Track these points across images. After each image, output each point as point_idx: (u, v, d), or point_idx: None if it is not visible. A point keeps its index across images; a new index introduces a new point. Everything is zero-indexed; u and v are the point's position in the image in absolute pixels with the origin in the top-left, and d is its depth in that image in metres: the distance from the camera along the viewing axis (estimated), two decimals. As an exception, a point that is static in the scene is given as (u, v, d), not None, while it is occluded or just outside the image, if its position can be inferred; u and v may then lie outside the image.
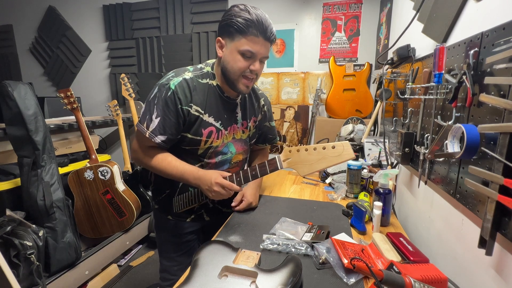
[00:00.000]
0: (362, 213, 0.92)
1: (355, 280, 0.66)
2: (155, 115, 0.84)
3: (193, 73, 0.89)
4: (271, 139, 1.16)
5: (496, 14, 0.57)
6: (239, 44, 0.81)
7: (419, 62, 0.98)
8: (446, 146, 0.63)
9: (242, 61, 0.82)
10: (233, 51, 0.82)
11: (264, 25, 0.80)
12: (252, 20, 0.78)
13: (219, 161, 0.97)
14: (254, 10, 0.80)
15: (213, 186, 0.84)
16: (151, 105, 0.85)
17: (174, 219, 1.02)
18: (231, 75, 0.86)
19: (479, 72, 0.59)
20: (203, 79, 0.90)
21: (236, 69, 0.84)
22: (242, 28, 0.79)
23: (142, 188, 2.09)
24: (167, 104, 0.83)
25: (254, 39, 0.80)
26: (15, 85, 1.36)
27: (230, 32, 0.81)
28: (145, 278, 1.83)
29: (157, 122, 0.84)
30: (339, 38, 2.19)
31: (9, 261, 1.17)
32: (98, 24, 2.70)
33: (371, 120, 1.72)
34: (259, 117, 1.07)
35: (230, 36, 0.82)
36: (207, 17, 2.40)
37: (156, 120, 0.84)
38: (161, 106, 0.84)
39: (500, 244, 0.53)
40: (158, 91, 0.85)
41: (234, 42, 0.82)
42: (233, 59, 0.83)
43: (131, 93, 2.29)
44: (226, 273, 0.65)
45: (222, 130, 0.94)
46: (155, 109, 0.84)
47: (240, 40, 0.80)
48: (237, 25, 0.79)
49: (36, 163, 1.39)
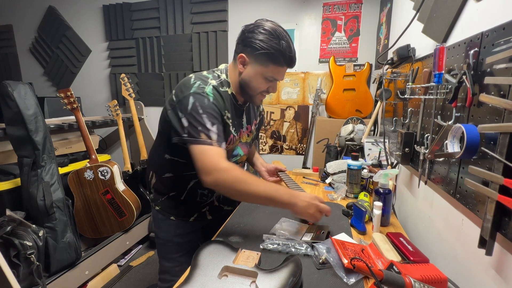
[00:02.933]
0: (362, 213, 0.92)
1: (355, 280, 0.66)
2: (209, 124, 0.78)
3: (216, 81, 0.88)
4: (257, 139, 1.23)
5: (496, 14, 0.57)
6: (265, 71, 0.83)
7: (419, 62, 0.98)
8: (446, 146, 0.63)
9: (264, 83, 0.87)
10: (258, 74, 0.84)
11: (292, 57, 0.83)
12: (282, 52, 0.80)
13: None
14: (283, 37, 0.80)
15: (313, 200, 0.81)
16: (196, 115, 0.77)
17: (177, 219, 1.01)
18: (251, 91, 0.89)
19: (479, 72, 0.59)
20: (223, 87, 0.89)
21: (257, 89, 0.87)
22: (272, 58, 0.81)
23: (142, 188, 2.09)
24: (215, 111, 0.81)
25: (279, 68, 0.84)
26: (15, 85, 1.36)
27: (258, 55, 0.81)
28: (145, 278, 1.83)
29: (215, 130, 0.79)
30: (339, 38, 2.19)
31: (9, 261, 1.17)
32: (98, 24, 2.70)
33: (371, 120, 1.72)
34: (258, 120, 1.11)
35: (257, 59, 0.82)
36: (207, 17, 2.40)
37: (213, 128, 0.78)
38: (210, 113, 0.79)
39: (500, 244, 0.53)
40: (196, 100, 0.79)
41: (261, 66, 0.83)
42: (256, 80, 0.85)
43: (131, 93, 2.29)
44: (226, 273, 0.65)
45: (235, 135, 0.95)
46: (205, 118, 0.78)
47: (268, 67, 0.83)
48: (267, 53, 0.80)
49: (36, 163, 1.39)
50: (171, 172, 0.96)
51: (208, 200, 1.02)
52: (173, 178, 0.96)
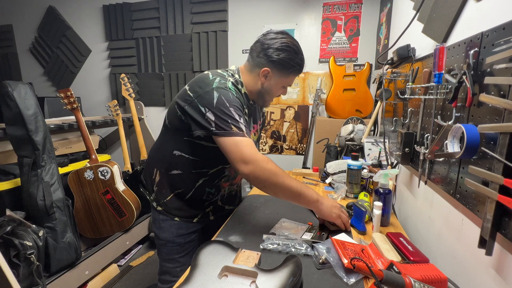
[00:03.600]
0: (362, 213, 0.92)
1: (355, 280, 0.66)
2: (237, 116, 0.79)
3: (232, 79, 0.90)
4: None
5: (496, 14, 0.57)
6: (286, 81, 0.94)
7: (419, 62, 0.98)
8: (446, 146, 0.63)
9: (281, 90, 0.97)
10: (279, 84, 0.94)
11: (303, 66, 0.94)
12: (300, 64, 0.91)
13: None
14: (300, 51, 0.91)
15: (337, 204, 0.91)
16: (224, 109, 0.78)
17: (181, 220, 1.00)
18: (267, 97, 0.97)
19: (479, 72, 0.59)
20: (238, 85, 0.92)
21: (274, 96, 0.98)
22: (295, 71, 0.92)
23: (142, 188, 2.09)
24: (239, 103, 0.84)
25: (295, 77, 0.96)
26: (15, 85, 1.36)
27: (283, 69, 0.90)
28: (145, 278, 1.83)
29: (243, 122, 0.81)
30: (339, 38, 2.19)
31: (9, 261, 1.17)
32: (98, 24, 2.70)
33: (371, 120, 1.72)
34: (261, 120, 1.13)
35: (282, 72, 0.91)
36: (207, 17, 2.40)
37: (241, 120, 0.80)
38: (235, 106, 0.81)
39: (500, 244, 0.53)
40: (221, 94, 0.80)
41: (283, 78, 0.92)
42: (277, 90, 0.95)
43: (131, 93, 2.29)
44: (226, 273, 0.65)
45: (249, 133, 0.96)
46: (233, 111, 0.79)
47: (288, 78, 0.93)
48: (295, 68, 0.90)
49: (36, 163, 1.39)
50: (180, 169, 0.95)
51: (213, 198, 1.02)
52: (181, 175, 0.95)
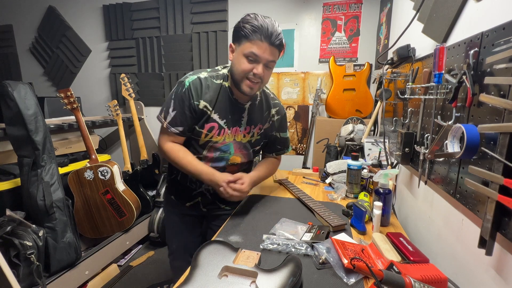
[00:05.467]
0: (362, 213, 0.92)
1: (355, 280, 0.66)
2: (171, 108, 0.94)
3: (208, 74, 0.97)
4: (278, 150, 1.16)
5: (496, 14, 0.57)
6: (244, 48, 0.86)
7: (419, 62, 0.98)
8: (446, 146, 0.63)
9: (246, 63, 0.87)
10: (239, 54, 0.88)
11: (270, 30, 0.84)
12: (257, 26, 0.83)
13: (216, 156, 1.01)
14: (262, 18, 0.85)
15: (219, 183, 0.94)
16: (169, 99, 0.95)
17: (176, 200, 1.12)
18: (235, 76, 0.91)
19: (479, 72, 0.59)
20: (217, 79, 0.97)
21: (240, 71, 0.89)
22: (248, 33, 0.84)
23: (142, 188, 2.09)
24: (182, 99, 0.92)
25: (258, 43, 0.84)
26: (15, 85, 1.36)
27: (239, 37, 0.88)
28: (145, 278, 1.83)
29: (173, 115, 0.94)
30: (339, 38, 2.19)
31: (9, 261, 1.17)
32: (98, 24, 2.70)
33: (371, 120, 1.72)
34: (265, 125, 1.07)
35: (239, 40, 0.88)
36: (207, 17, 2.40)
37: (173, 113, 0.94)
38: (177, 100, 0.93)
39: (500, 244, 0.53)
40: (176, 87, 0.95)
41: (241, 46, 0.87)
42: (239, 61, 0.88)
43: (131, 93, 2.29)
44: (226, 273, 0.65)
45: (225, 129, 0.98)
46: (172, 103, 0.94)
47: (245, 44, 0.86)
48: (244, 30, 0.85)
49: (36, 163, 1.39)
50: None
51: (198, 189, 1.07)
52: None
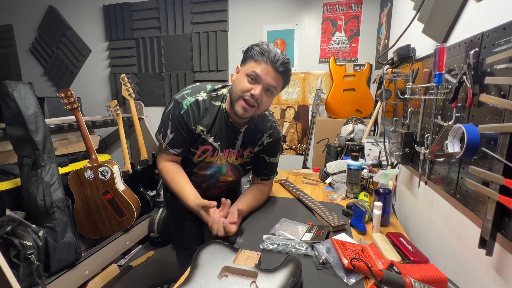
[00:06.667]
0: (362, 213, 0.92)
1: (355, 280, 0.66)
2: (169, 130, 0.93)
3: (207, 95, 0.94)
4: (264, 175, 1.09)
5: (497, 14, 0.57)
6: (248, 67, 0.85)
7: (419, 62, 0.98)
8: (446, 146, 0.63)
9: (246, 82, 0.85)
10: (242, 74, 0.87)
11: (277, 57, 0.83)
12: (266, 50, 0.83)
13: (207, 174, 1.03)
14: (273, 46, 0.85)
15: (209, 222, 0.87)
16: (167, 120, 0.93)
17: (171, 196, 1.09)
18: (233, 94, 0.89)
19: (479, 72, 0.59)
20: (216, 101, 0.95)
21: (238, 89, 0.86)
22: (255, 54, 0.84)
23: (142, 188, 2.09)
24: (180, 122, 0.91)
25: (263, 64, 0.83)
26: (15, 85, 1.36)
27: (245, 58, 0.88)
28: (145, 278, 1.83)
29: (171, 137, 0.94)
30: (339, 38, 2.19)
31: (9, 261, 1.17)
32: (98, 24, 2.70)
33: (371, 120, 1.72)
34: (256, 148, 1.04)
35: (245, 62, 0.88)
36: (207, 17, 2.39)
37: (171, 135, 0.93)
38: (174, 123, 0.92)
39: (500, 244, 0.53)
40: (172, 108, 0.92)
41: (245, 66, 0.87)
42: (239, 80, 0.87)
43: (131, 93, 2.29)
44: (226, 273, 0.65)
45: (218, 151, 0.98)
46: (170, 125, 0.93)
47: (250, 64, 0.85)
48: (252, 52, 0.85)
49: (36, 163, 1.39)
50: None
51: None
52: None
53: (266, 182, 1.12)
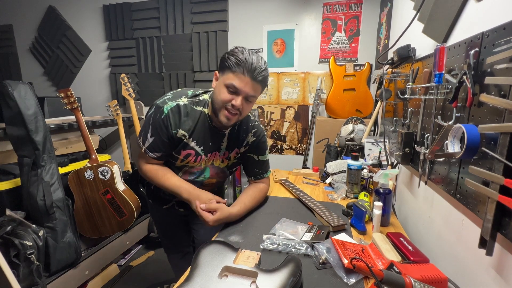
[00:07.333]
0: (362, 213, 0.92)
1: (355, 280, 0.66)
2: (150, 134, 0.93)
3: (188, 100, 0.95)
4: (256, 173, 1.10)
5: (497, 14, 0.57)
6: (226, 78, 0.86)
7: (419, 62, 0.98)
8: (447, 146, 0.63)
9: (225, 93, 0.86)
10: (221, 84, 0.88)
11: (254, 66, 0.83)
12: (241, 60, 0.83)
13: (191, 180, 1.03)
14: (248, 53, 0.84)
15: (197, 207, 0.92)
16: (147, 124, 0.94)
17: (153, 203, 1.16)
18: (215, 104, 0.90)
19: (479, 72, 0.59)
20: (197, 106, 0.95)
21: (219, 100, 0.88)
22: (231, 64, 0.84)
23: (142, 188, 2.09)
24: (160, 126, 0.91)
25: (241, 76, 0.84)
26: (15, 85, 1.36)
27: (223, 67, 0.87)
28: (145, 278, 1.83)
29: (151, 141, 0.94)
30: (339, 38, 2.19)
31: (9, 261, 1.17)
32: (98, 24, 2.70)
33: (371, 120, 1.72)
34: (242, 149, 1.05)
35: (222, 70, 0.88)
36: (207, 17, 2.39)
37: (151, 139, 0.94)
38: (155, 127, 0.92)
39: (501, 244, 0.53)
40: (153, 112, 0.92)
41: (224, 76, 0.87)
42: (219, 91, 0.88)
43: (131, 93, 2.29)
44: (226, 273, 0.65)
45: (202, 156, 0.99)
46: (150, 129, 0.93)
47: (228, 75, 0.85)
48: (228, 62, 0.85)
49: (36, 163, 1.39)
50: None
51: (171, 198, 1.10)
52: None
53: (262, 180, 1.13)
